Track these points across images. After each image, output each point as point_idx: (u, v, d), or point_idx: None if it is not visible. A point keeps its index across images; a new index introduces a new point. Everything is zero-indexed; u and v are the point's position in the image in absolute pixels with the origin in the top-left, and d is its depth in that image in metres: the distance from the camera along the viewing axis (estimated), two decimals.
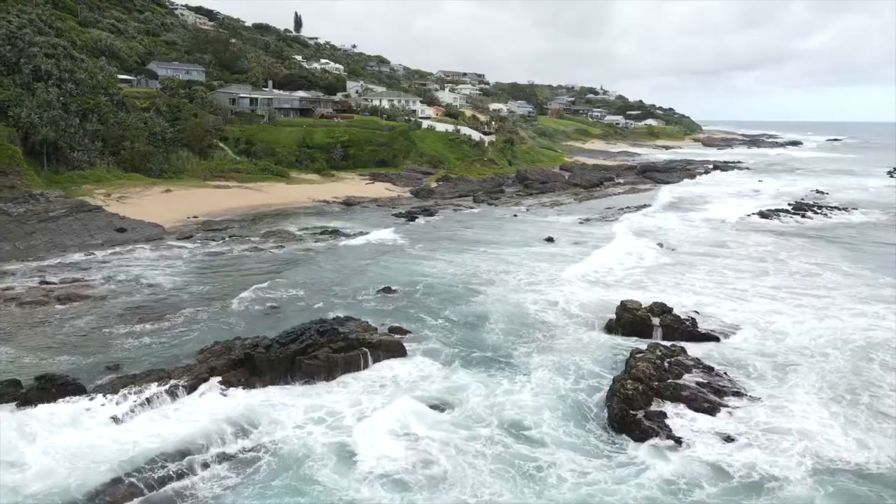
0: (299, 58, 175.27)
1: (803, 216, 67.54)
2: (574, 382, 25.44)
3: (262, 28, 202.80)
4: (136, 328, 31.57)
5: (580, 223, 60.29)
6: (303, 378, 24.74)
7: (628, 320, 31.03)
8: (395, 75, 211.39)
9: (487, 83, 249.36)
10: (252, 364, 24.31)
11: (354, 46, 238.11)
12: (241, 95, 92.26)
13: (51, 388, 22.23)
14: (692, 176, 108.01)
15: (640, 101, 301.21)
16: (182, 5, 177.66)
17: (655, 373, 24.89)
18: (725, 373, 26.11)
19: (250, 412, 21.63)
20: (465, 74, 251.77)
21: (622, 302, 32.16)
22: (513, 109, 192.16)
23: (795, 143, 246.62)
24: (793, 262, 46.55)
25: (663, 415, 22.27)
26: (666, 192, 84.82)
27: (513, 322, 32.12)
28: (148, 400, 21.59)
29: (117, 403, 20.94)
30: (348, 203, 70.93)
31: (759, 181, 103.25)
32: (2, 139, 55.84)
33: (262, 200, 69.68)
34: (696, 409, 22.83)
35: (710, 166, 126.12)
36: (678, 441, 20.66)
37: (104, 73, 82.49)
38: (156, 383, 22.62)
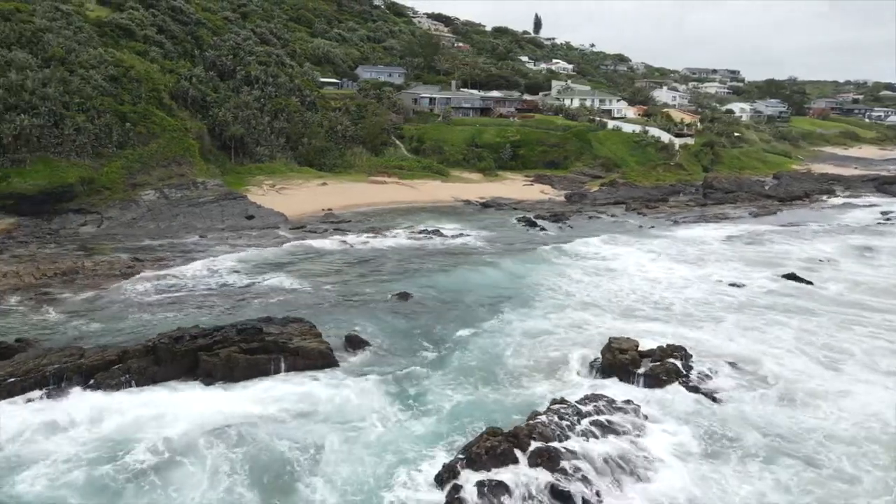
0: (525, 59, 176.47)
1: None
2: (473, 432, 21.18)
3: (500, 31, 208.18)
4: (156, 307, 34.47)
5: (721, 241, 50.59)
6: (202, 376, 24.63)
7: (607, 362, 25.18)
8: (629, 74, 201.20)
9: (741, 80, 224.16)
10: (157, 354, 24.84)
11: (593, 45, 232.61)
12: (422, 95, 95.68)
13: None
14: None
15: None
16: (423, 14, 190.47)
17: (557, 431, 19.76)
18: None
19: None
20: (714, 71, 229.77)
21: (610, 339, 26.18)
22: (759, 109, 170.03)
23: None
24: None
25: (503, 487, 17.51)
26: (879, 210, 67.40)
27: (495, 354, 27.54)
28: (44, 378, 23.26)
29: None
30: (487, 204, 69.24)
31: None
32: (183, 133, 65.13)
33: (405, 197, 71.40)
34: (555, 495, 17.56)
35: None
36: None
37: (305, 77, 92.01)
38: (66, 359, 24.31)
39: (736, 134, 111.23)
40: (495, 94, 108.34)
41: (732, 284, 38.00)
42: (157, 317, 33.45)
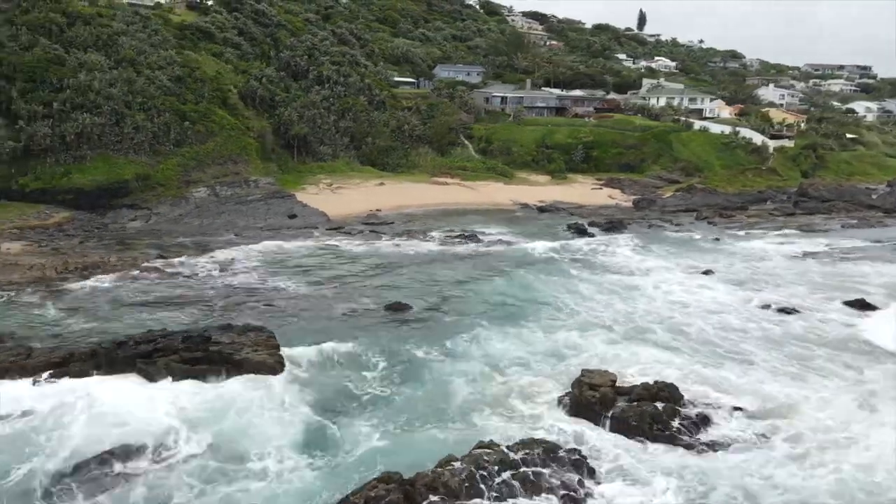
0: (623, 56, 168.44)
1: None
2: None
3: (600, 28, 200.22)
4: (154, 306, 34.14)
5: (788, 257, 44.20)
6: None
7: (574, 399, 21.56)
8: (741, 71, 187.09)
9: (872, 77, 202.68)
10: (97, 359, 24.00)
11: (701, 42, 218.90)
12: (494, 94, 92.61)
13: None
14: None
15: None
16: (518, 12, 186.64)
17: (467, 484, 16.67)
18: None
19: None
20: (841, 67, 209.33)
21: (582, 371, 22.46)
22: (888, 108, 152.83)
23: None
24: None
25: None
26: None
27: (457, 385, 23.90)
28: None
29: None
30: (544, 209, 65.42)
31: None
32: (242, 132, 66.07)
33: (462, 199, 68.91)
34: None
35: None
36: None
37: (377, 76, 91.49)
38: (12, 358, 24.01)
39: (850, 136, 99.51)
40: (577, 92, 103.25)
41: (782, 310, 32.52)
42: (153, 315, 33.00)
